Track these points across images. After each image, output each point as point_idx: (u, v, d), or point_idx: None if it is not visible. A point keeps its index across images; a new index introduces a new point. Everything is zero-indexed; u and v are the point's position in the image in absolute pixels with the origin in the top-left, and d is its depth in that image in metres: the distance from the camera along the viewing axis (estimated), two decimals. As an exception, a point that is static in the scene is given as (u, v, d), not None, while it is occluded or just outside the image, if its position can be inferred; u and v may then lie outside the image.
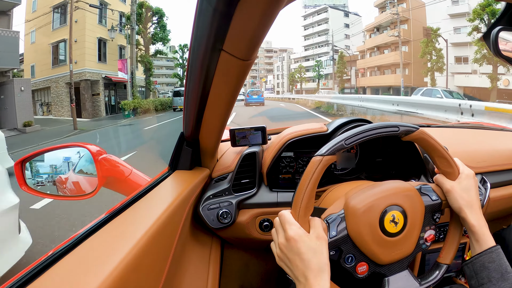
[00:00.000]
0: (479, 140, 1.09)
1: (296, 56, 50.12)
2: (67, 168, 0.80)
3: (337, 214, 0.52)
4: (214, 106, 0.55)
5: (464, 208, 0.54)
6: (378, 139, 0.84)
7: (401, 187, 0.54)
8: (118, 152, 6.18)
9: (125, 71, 18.09)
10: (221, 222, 0.75)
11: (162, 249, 0.48)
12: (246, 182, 0.80)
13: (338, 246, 0.50)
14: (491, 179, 0.85)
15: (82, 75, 17.09)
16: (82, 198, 0.76)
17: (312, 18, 45.42)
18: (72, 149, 0.81)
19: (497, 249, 0.51)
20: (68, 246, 0.38)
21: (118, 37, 19.23)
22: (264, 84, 59.34)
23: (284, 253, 0.48)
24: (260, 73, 66.47)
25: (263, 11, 0.33)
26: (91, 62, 17.88)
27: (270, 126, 0.93)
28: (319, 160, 0.48)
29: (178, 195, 0.58)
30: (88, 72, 17.51)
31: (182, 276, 0.59)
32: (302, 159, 0.86)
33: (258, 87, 50.81)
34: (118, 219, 0.47)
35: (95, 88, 17.92)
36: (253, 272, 1.02)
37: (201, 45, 0.39)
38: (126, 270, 0.34)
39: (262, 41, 0.39)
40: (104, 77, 18.32)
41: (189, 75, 0.48)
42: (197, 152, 0.74)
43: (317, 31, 44.63)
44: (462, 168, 0.57)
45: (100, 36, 18.56)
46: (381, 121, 0.55)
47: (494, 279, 0.49)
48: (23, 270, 0.34)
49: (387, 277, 0.52)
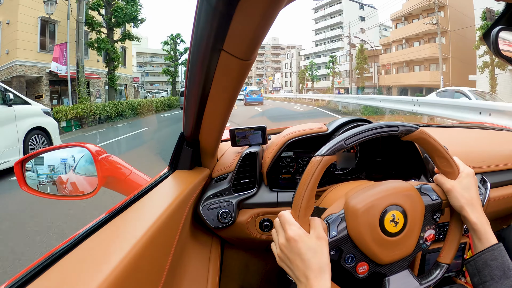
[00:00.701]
0: (479, 140, 1.09)
1: (306, 52, 46.70)
2: (67, 168, 0.80)
3: (337, 214, 0.52)
4: (214, 106, 0.55)
5: (466, 207, 0.54)
6: (378, 139, 0.84)
7: (401, 187, 0.54)
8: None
9: (63, 62, 12.66)
10: (221, 222, 0.75)
11: (162, 249, 0.48)
12: (246, 182, 0.80)
13: (338, 246, 0.50)
14: (491, 179, 0.85)
15: (12, 70, 11.88)
16: (82, 198, 0.76)
17: (324, 11, 41.32)
18: (72, 149, 0.81)
19: (499, 246, 0.51)
20: (68, 246, 0.38)
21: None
22: (271, 82, 56.89)
23: (284, 254, 0.48)
24: (266, 71, 63.43)
25: (263, 11, 0.33)
26: (27, 52, 12.37)
27: (270, 126, 0.93)
28: (319, 160, 0.48)
29: (178, 195, 0.58)
30: (22, 65, 12.13)
31: (182, 276, 0.59)
32: (302, 159, 0.86)
33: (263, 87, 49.89)
34: (118, 219, 0.47)
35: (36, 87, 12.90)
36: (253, 272, 1.02)
37: (201, 45, 0.39)
38: (126, 270, 0.34)
39: (262, 41, 0.39)
40: (50, 72, 13.13)
41: (189, 75, 0.48)
42: (197, 152, 0.74)
43: (330, 24, 40.62)
44: (462, 167, 0.57)
45: (44, 15, 12.94)
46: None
47: (496, 277, 0.49)
48: (23, 270, 0.34)
49: (388, 277, 0.52)
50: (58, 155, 0.80)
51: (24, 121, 4.72)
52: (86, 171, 0.79)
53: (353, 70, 31.20)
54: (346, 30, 33.82)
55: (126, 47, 19.89)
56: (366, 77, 30.56)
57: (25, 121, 4.74)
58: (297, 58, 48.60)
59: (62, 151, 0.80)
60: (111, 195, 0.88)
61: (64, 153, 0.81)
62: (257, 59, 63.70)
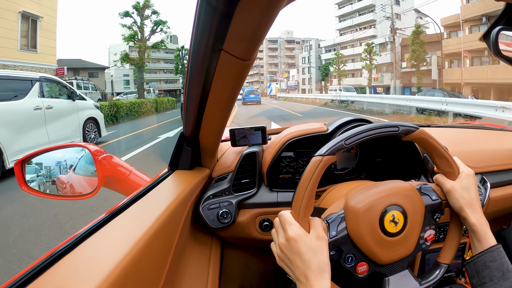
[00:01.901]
0: (479, 140, 1.09)
1: (327, 44, 37.50)
2: (67, 168, 0.80)
3: (337, 214, 0.52)
4: (214, 106, 0.55)
5: (465, 208, 0.54)
6: (378, 139, 0.84)
7: (401, 187, 0.54)
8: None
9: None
10: (221, 222, 0.75)
11: (162, 249, 0.48)
12: (246, 182, 0.80)
13: (338, 246, 0.50)
14: (491, 179, 0.85)
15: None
16: (82, 198, 0.76)
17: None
18: (72, 149, 0.81)
19: (498, 248, 0.51)
20: (68, 246, 0.38)
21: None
22: (286, 80, 47.91)
23: (284, 254, 0.48)
24: (280, 68, 55.42)
25: (263, 11, 0.33)
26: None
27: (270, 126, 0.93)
28: (319, 160, 0.48)
29: (178, 195, 0.58)
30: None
31: (182, 276, 0.59)
32: (302, 159, 0.86)
33: (277, 84, 45.30)
34: (118, 219, 0.47)
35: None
36: (253, 272, 1.02)
37: (201, 45, 0.39)
38: (126, 270, 0.34)
39: (262, 41, 0.39)
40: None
41: (189, 75, 0.48)
42: (197, 152, 0.74)
43: (358, 8, 31.97)
44: (462, 168, 0.57)
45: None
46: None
47: (495, 278, 0.49)
48: (23, 270, 0.34)
49: (387, 277, 0.52)
50: (58, 155, 0.80)
51: (83, 112, 6.24)
52: (86, 171, 0.79)
53: (397, 63, 23.05)
54: (380, 14, 26.56)
55: (32, 13, 12.38)
56: (423, 71, 21.44)
57: (84, 112, 6.26)
58: (316, 52, 39.65)
59: (62, 151, 0.80)
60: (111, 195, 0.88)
61: (64, 153, 0.81)
62: (271, 54, 57.07)
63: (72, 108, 5.92)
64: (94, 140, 6.53)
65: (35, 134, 4.80)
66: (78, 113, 6.07)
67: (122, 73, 33.65)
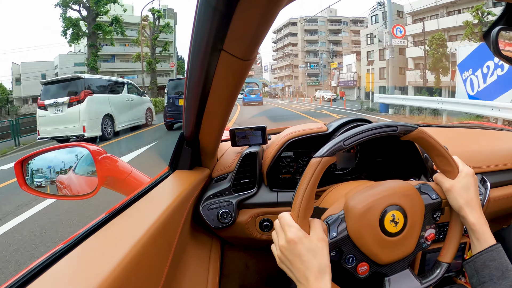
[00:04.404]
0: (479, 140, 1.09)
1: (409, 10, 22.48)
2: (67, 168, 0.80)
3: (337, 215, 0.52)
4: (214, 106, 0.55)
5: (464, 207, 0.54)
6: (378, 139, 0.84)
7: (401, 187, 0.54)
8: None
9: None
10: (221, 222, 0.75)
11: (162, 249, 0.48)
12: (246, 182, 0.80)
13: (339, 247, 0.50)
14: (491, 179, 0.85)
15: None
16: (82, 198, 0.76)
17: None
18: (72, 149, 0.81)
19: (497, 247, 0.51)
20: (68, 246, 0.38)
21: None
22: (337, 72, 32.80)
23: (284, 255, 0.48)
24: (322, 57, 40.25)
25: (263, 11, 0.33)
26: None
27: (270, 126, 0.93)
28: (318, 161, 0.48)
29: (178, 195, 0.58)
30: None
31: (182, 276, 0.59)
32: (302, 159, 0.85)
33: (321, 79, 35.19)
34: (118, 219, 0.46)
35: None
36: (253, 272, 1.02)
37: (201, 45, 0.39)
38: (126, 270, 0.34)
39: (262, 41, 0.39)
40: None
41: (189, 75, 0.48)
42: (197, 152, 0.74)
43: None
44: (462, 167, 0.57)
45: None
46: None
47: (495, 277, 0.49)
48: (23, 270, 0.34)
49: (388, 277, 0.52)
50: (58, 155, 0.80)
51: (145, 104, 10.38)
52: (86, 171, 0.79)
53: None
54: None
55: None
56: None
57: (145, 104, 10.40)
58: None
59: (62, 151, 0.80)
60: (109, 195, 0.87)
61: (64, 153, 0.81)
62: (307, 38, 42.88)
63: (141, 101, 10.05)
64: (150, 122, 10.54)
65: (127, 114, 9.01)
66: (143, 105, 10.16)
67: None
